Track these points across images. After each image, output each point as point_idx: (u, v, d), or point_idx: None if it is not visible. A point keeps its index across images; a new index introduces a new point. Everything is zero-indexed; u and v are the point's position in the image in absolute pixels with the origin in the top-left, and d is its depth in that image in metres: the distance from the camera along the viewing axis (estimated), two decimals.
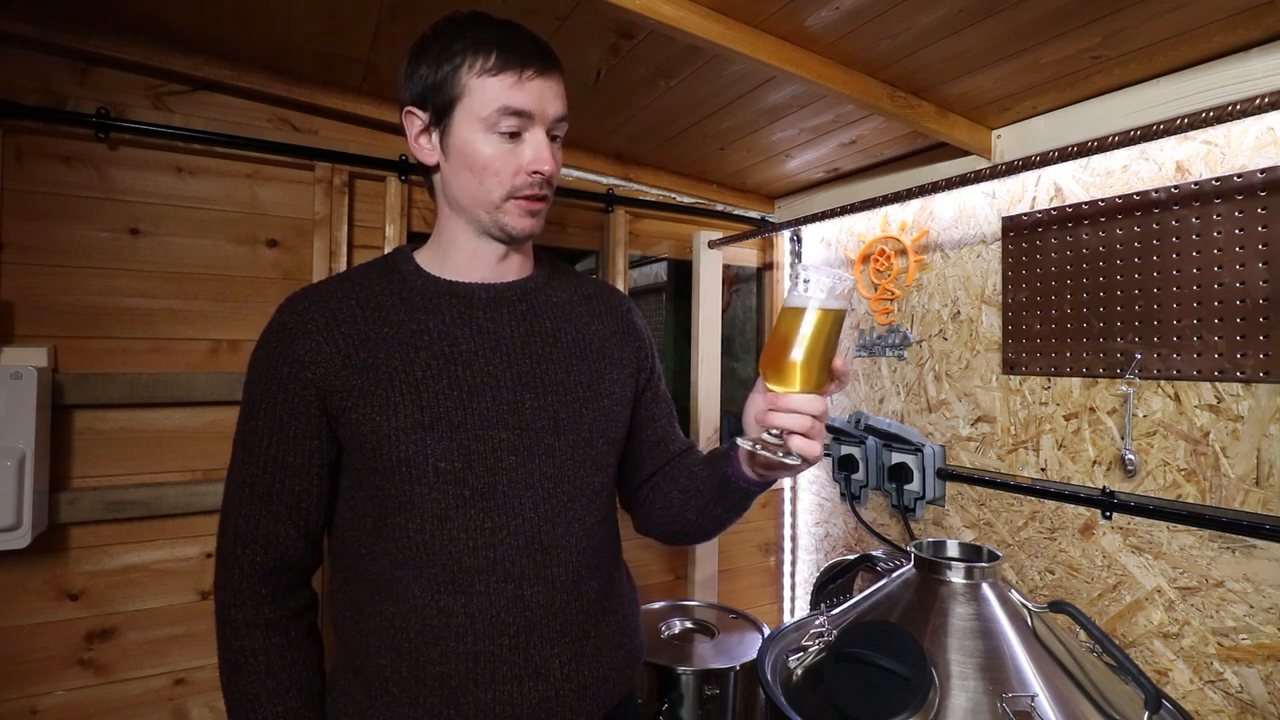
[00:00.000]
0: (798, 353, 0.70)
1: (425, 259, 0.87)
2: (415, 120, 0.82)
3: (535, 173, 0.79)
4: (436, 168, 0.83)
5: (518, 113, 0.77)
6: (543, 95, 0.78)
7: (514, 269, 0.88)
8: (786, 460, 0.72)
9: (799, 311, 0.70)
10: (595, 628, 0.84)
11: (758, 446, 0.73)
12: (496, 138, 0.78)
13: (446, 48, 0.78)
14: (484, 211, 0.81)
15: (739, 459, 0.82)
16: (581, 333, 0.89)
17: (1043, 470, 1.36)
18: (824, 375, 0.71)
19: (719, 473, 0.85)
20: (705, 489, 0.88)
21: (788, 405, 0.70)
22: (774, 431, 0.72)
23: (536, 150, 0.79)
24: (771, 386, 0.73)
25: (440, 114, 0.79)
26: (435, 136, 0.81)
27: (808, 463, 0.71)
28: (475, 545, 0.77)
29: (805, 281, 0.70)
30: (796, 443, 0.71)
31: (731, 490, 0.85)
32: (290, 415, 0.78)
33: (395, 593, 0.77)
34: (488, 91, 0.77)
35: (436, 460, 0.76)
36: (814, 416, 0.70)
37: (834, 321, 0.71)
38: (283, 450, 0.78)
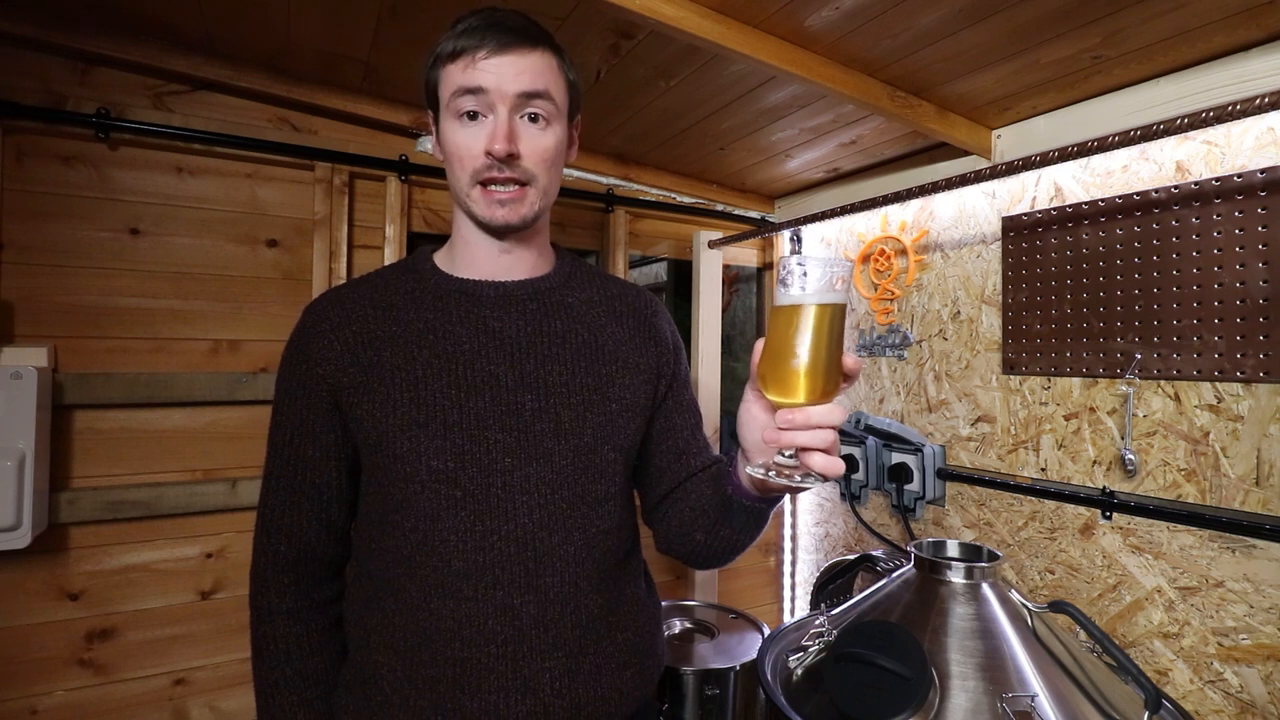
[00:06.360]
0: (804, 358, 0.60)
1: (441, 258, 0.87)
2: (429, 123, 0.84)
3: (487, 153, 0.75)
4: None
5: (470, 91, 0.75)
6: (500, 72, 0.74)
7: (524, 266, 0.86)
8: (804, 484, 0.62)
9: (796, 310, 0.61)
10: (596, 644, 0.79)
11: (771, 473, 0.63)
12: (458, 122, 0.77)
13: (433, 48, 0.79)
14: (462, 201, 0.80)
15: (741, 476, 0.76)
16: (595, 334, 0.86)
17: (1043, 470, 1.36)
18: (836, 378, 0.62)
19: (720, 490, 0.80)
20: (711, 508, 0.83)
21: (805, 421, 0.60)
22: (787, 452, 0.62)
23: (490, 129, 0.75)
24: (777, 400, 0.63)
25: (435, 112, 0.81)
26: (436, 135, 0.83)
27: (826, 480, 0.62)
28: (465, 548, 0.75)
29: (800, 274, 0.60)
30: (818, 461, 0.61)
31: (735, 509, 0.79)
32: (308, 411, 0.80)
33: (394, 591, 0.77)
34: (448, 78, 0.77)
35: (429, 459, 0.75)
36: (835, 428, 0.61)
37: (838, 315, 0.61)
38: (303, 444, 0.81)
